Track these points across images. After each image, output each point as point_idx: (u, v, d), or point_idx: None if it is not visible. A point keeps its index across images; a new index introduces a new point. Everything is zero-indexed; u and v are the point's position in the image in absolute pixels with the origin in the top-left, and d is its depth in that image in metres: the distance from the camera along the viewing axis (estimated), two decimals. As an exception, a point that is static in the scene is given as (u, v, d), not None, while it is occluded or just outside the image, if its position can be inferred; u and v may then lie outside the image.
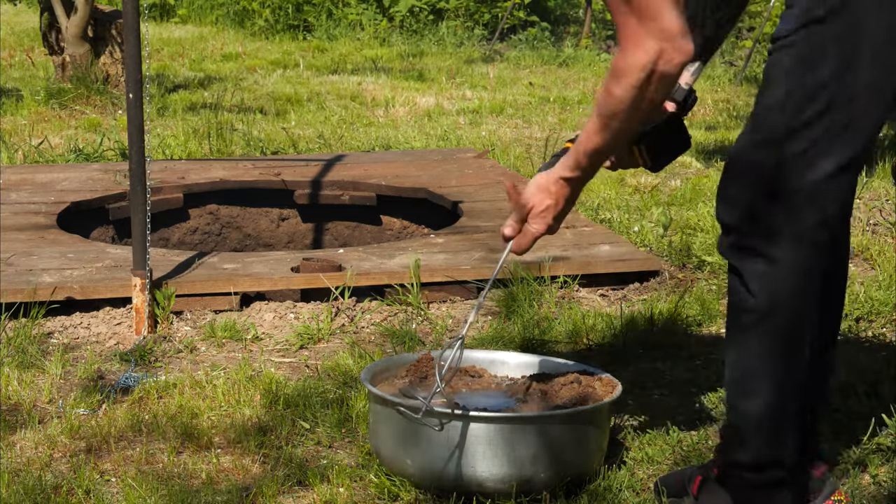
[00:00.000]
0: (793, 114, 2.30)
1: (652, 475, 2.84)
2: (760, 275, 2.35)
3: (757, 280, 2.35)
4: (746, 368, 2.41)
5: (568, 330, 3.78)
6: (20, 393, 3.34)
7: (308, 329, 3.82)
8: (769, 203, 2.34)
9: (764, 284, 2.34)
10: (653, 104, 2.34)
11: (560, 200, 2.55)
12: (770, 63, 2.35)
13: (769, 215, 2.34)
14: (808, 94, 2.29)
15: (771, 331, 2.37)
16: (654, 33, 2.25)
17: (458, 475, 2.66)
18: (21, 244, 4.41)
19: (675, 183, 5.86)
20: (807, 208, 2.33)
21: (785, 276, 2.34)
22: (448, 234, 4.62)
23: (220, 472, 2.87)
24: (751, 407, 2.41)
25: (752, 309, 2.37)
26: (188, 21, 13.65)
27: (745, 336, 2.39)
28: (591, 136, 2.42)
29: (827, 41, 2.28)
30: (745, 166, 2.38)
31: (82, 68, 8.08)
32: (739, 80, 9.26)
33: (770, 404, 2.40)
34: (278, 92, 8.70)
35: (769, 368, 2.39)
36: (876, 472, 2.82)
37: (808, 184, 2.32)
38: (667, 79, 2.30)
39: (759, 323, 2.37)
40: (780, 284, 2.34)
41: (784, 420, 2.42)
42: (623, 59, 2.30)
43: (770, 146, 2.33)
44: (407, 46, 11.28)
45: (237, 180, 5.44)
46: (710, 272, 4.40)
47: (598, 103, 2.38)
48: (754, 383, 2.40)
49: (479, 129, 7.38)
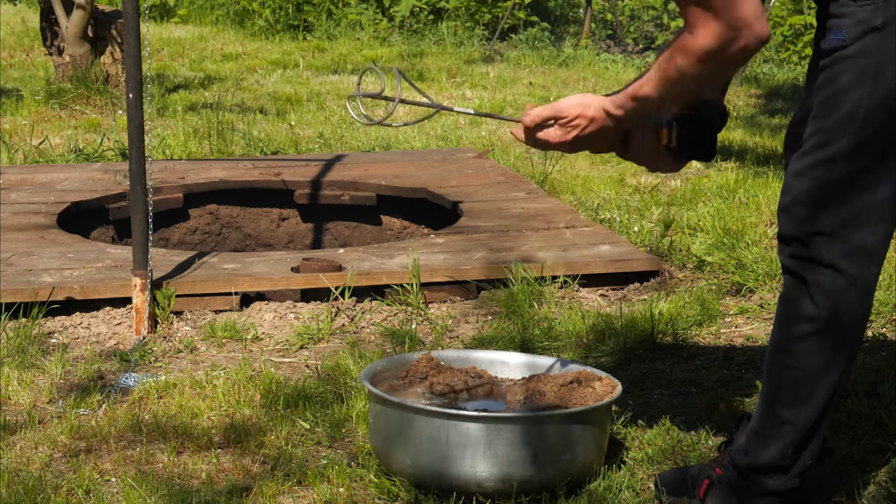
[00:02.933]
0: (861, 128, 2.31)
1: (652, 475, 2.84)
2: (827, 285, 2.37)
3: (822, 290, 2.37)
4: (800, 376, 2.42)
5: (568, 330, 3.78)
6: (20, 393, 3.34)
7: (308, 329, 3.82)
8: (838, 217, 2.35)
9: (829, 295, 2.37)
10: (712, 83, 2.34)
11: (591, 125, 2.49)
12: (829, 76, 2.34)
13: (839, 229, 2.35)
14: (877, 105, 2.29)
15: (830, 340, 2.39)
16: (728, 20, 2.24)
17: (458, 475, 2.66)
18: (21, 244, 4.41)
19: (675, 183, 5.86)
20: (875, 224, 2.36)
21: (849, 289, 2.37)
22: (448, 234, 4.62)
23: (220, 472, 2.87)
24: (798, 413, 2.43)
25: (813, 318, 2.39)
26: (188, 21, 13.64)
27: (803, 344, 2.41)
28: (644, 85, 2.41)
29: (888, 51, 2.28)
30: (815, 182, 2.37)
31: (82, 68, 8.08)
32: (739, 80, 9.26)
33: (818, 411, 2.43)
34: (278, 92, 8.70)
35: (825, 377, 2.41)
36: (876, 473, 2.82)
37: (878, 199, 2.34)
38: (735, 61, 2.30)
39: (819, 332, 2.39)
40: (845, 296, 2.37)
41: (820, 427, 2.45)
42: (693, 39, 2.29)
43: (839, 162, 2.33)
44: (407, 46, 11.28)
45: (237, 180, 5.44)
46: (709, 272, 4.40)
47: (661, 64, 2.36)
48: (807, 390, 2.42)
49: (479, 129, 7.38)
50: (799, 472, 2.46)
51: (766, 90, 8.93)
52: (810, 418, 2.43)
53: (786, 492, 2.48)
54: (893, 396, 3.16)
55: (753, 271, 4.27)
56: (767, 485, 2.47)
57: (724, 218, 4.85)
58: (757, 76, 9.52)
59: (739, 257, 4.39)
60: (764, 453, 2.47)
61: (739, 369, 3.52)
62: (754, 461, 2.48)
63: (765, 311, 4.01)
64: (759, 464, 2.47)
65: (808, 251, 2.37)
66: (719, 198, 5.36)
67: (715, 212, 4.98)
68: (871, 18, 2.28)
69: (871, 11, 2.28)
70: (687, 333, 3.80)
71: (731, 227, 4.72)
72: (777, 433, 2.45)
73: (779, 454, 2.45)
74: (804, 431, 2.44)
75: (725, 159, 6.40)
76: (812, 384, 2.41)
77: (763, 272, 4.25)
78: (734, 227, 4.71)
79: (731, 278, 4.30)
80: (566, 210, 4.97)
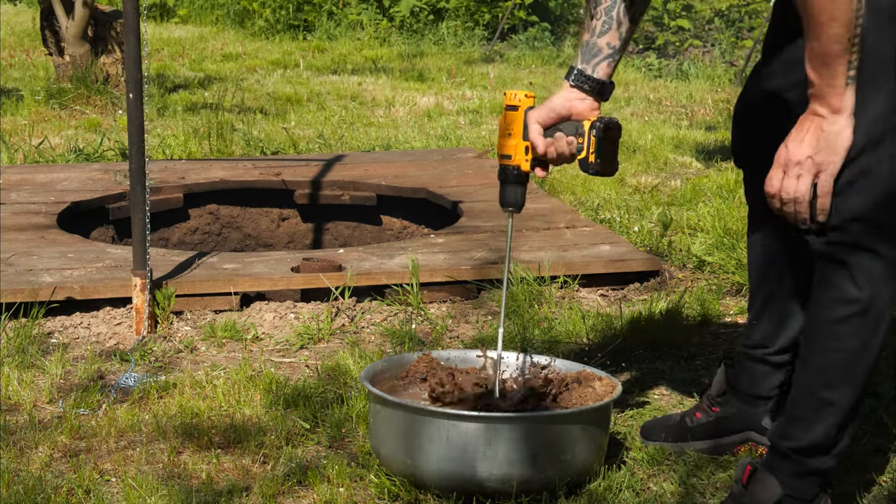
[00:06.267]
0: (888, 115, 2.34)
1: (652, 475, 2.85)
2: (869, 269, 2.40)
3: (864, 273, 2.40)
4: (843, 357, 2.45)
5: (568, 330, 3.78)
6: (20, 393, 3.34)
7: (308, 329, 3.82)
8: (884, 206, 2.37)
9: (871, 278, 2.40)
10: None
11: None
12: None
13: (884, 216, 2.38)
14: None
15: (870, 321, 2.43)
16: None
17: (459, 475, 2.66)
18: (21, 244, 4.41)
19: (675, 183, 5.86)
20: None
21: (889, 271, 2.41)
22: (448, 234, 4.62)
23: (220, 472, 2.87)
24: (842, 394, 2.46)
25: (854, 300, 2.41)
26: (188, 21, 13.65)
27: (845, 326, 2.44)
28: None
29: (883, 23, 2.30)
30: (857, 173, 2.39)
31: (82, 68, 8.08)
32: (739, 80, 9.27)
33: (859, 391, 2.47)
34: (278, 92, 8.70)
35: (865, 357, 2.44)
36: (876, 473, 2.82)
37: None
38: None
39: (861, 313, 2.42)
40: (885, 280, 2.41)
41: (860, 407, 2.50)
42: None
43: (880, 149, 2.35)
44: (407, 46, 11.29)
45: (237, 180, 5.45)
46: (710, 272, 4.40)
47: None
48: (849, 371, 2.45)
49: (479, 129, 7.38)
50: (839, 451, 2.51)
51: (766, 90, 8.91)
52: (853, 398, 2.47)
53: (825, 471, 2.52)
54: (893, 396, 3.16)
55: (753, 271, 4.27)
56: (810, 465, 2.51)
57: (724, 218, 4.85)
58: (757, 76, 9.51)
59: (739, 257, 4.39)
60: (807, 435, 2.50)
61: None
62: (798, 443, 2.51)
63: (765, 311, 4.01)
64: (801, 445, 2.51)
65: (845, 237, 2.39)
66: (719, 198, 5.37)
67: (715, 212, 4.98)
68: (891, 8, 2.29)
69: (891, 1, 2.29)
70: (687, 333, 3.80)
71: (731, 227, 4.72)
72: (819, 415, 2.48)
73: (822, 435, 2.49)
74: (847, 411, 2.48)
75: (725, 159, 6.40)
76: (854, 365, 2.45)
77: (763, 272, 4.24)
78: (734, 227, 4.71)
79: (731, 278, 4.30)
80: (566, 210, 4.97)
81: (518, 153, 2.68)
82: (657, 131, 7.26)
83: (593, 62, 2.66)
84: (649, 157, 6.46)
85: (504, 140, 2.69)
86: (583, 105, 2.66)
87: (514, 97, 2.67)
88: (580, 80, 2.65)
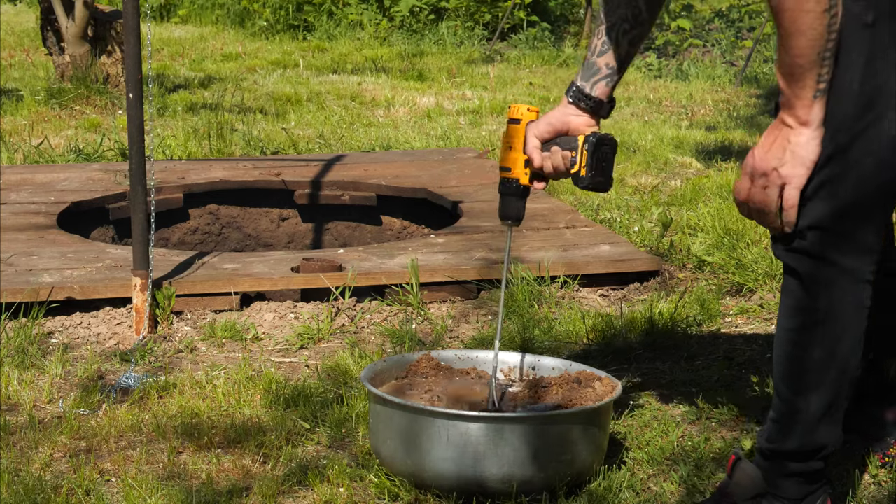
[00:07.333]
0: (854, 121, 2.30)
1: (652, 475, 2.85)
2: (827, 278, 2.37)
3: (822, 283, 2.37)
4: (804, 365, 2.44)
5: (568, 330, 3.78)
6: (20, 393, 3.34)
7: (308, 329, 3.82)
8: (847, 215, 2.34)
9: (828, 287, 2.37)
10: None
11: None
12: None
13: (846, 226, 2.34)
14: (867, 101, 2.29)
15: (833, 332, 2.40)
16: None
17: (459, 475, 2.66)
18: (21, 244, 4.41)
19: (675, 183, 5.86)
20: (878, 216, 2.36)
21: (847, 281, 2.37)
22: (448, 234, 4.62)
23: (220, 472, 2.87)
24: (808, 401, 2.45)
25: (812, 309, 2.39)
26: (188, 21, 13.65)
27: (805, 334, 2.42)
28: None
29: (878, 47, 2.27)
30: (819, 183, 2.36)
31: (82, 68, 8.08)
32: (740, 80, 9.26)
33: (826, 400, 2.45)
34: (278, 92, 8.70)
35: (832, 367, 2.42)
36: (876, 473, 2.82)
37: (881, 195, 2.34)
38: None
39: (821, 323, 2.40)
40: (845, 290, 2.37)
41: (833, 414, 2.47)
42: None
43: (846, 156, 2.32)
44: (407, 46, 11.28)
45: (237, 180, 5.45)
46: (710, 272, 4.40)
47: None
48: (814, 380, 2.44)
49: (480, 129, 7.38)
50: (824, 455, 2.50)
51: (766, 90, 8.93)
52: (824, 405, 2.45)
53: (809, 473, 2.52)
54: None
55: (753, 271, 4.27)
56: (791, 467, 2.51)
57: (724, 218, 4.85)
58: (757, 76, 9.52)
59: (739, 257, 4.39)
60: (783, 440, 2.51)
61: (739, 369, 3.52)
62: (777, 447, 2.51)
63: (765, 311, 4.01)
64: (781, 449, 2.51)
65: (803, 244, 2.38)
66: (719, 198, 5.36)
67: (715, 212, 4.98)
68: (862, 14, 2.28)
69: (862, 7, 2.27)
70: (687, 333, 3.80)
71: (731, 227, 4.72)
72: (791, 421, 2.49)
73: (796, 441, 2.48)
74: (820, 417, 2.46)
75: (725, 159, 6.40)
76: (820, 373, 2.43)
77: (763, 272, 4.25)
78: (734, 227, 4.71)
79: (731, 278, 4.30)
80: (566, 210, 4.97)
81: (518, 166, 2.75)
82: (657, 131, 7.26)
83: (591, 80, 2.72)
84: (649, 158, 6.46)
85: (506, 153, 2.76)
86: (579, 121, 2.73)
87: (517, 111, 2.75)
88: (578, 96, 2.72)
